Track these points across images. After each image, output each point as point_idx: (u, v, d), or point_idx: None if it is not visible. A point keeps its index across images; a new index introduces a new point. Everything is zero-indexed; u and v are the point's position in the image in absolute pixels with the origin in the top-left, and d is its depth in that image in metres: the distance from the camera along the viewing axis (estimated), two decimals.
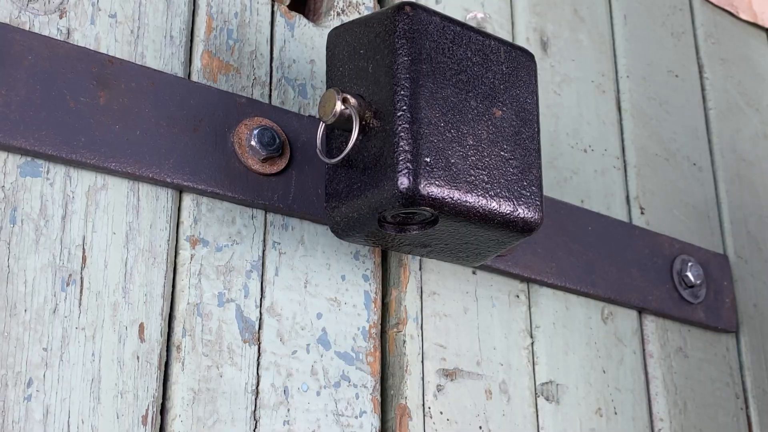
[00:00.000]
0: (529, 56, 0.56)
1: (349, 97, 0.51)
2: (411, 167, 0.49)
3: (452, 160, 0.50)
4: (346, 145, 0.52)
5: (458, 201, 0.50)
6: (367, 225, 0.51)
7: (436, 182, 0.49)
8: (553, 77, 0.78)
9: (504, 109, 0.54)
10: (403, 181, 0.48)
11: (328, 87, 0.54)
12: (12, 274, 0.48)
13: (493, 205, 0.51)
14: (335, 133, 0.53)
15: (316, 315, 0.57)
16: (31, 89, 0.50)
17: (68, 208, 0.51)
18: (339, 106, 0.50)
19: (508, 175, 0.53)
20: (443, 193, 0.49)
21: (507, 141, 0.54)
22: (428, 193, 0.49)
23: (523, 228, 0.53)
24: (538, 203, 0.53)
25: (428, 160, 0.49)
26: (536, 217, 0.53)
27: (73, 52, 0.52)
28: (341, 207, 0.52)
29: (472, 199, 0.50)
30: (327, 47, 0.55)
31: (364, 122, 0.51)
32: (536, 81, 0.56)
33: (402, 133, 0.49)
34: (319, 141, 0.53)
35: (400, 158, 0.49)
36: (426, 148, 0.49)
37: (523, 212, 0.53)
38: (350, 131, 0.51)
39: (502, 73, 0.55)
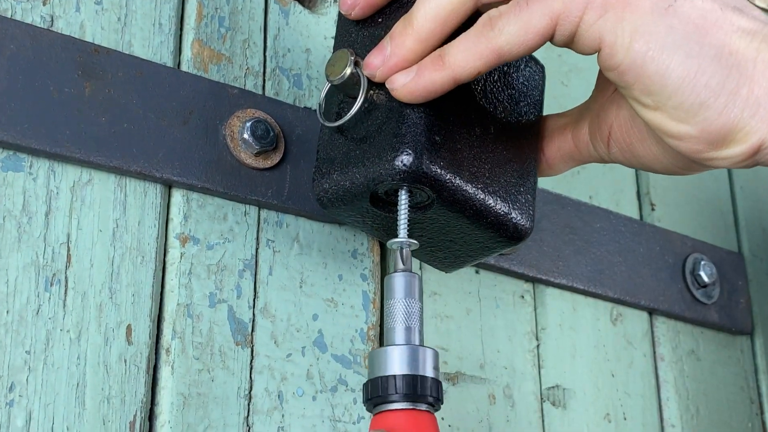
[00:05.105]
0: (541, 68, 0.57)
1: (361, 61, 0.50)
2: (419, 141, 0.47)
3: (458, 146, 0.49)
4: (348, 111, 0.50)
5: (458, 187, 0.49)
6: (357, 197, 0.50)
7: (441, 162, 0.48)
8: (561, 67, 0.77)
9: (512, 111, 0.54)
10: (408, 155, 0.47)
11: (335, 50, 0.53)
12: None
13: (490, 201, 0.50)
14: (335, 99, 0.52)
15: (311, 316, 0.57)
16: (12, 80, 0.49)
17: (52, 204, 0.50)
18: (350, 69, 0.49)
19: (507, 176, 0.52)
20: (445, 175, 0.48)
21: (511, 143, 0.53)
22: (431, 171, 0.47)
23: (513, 234, 0.52)
24: (531, 212, 0.53)
25: (437, 138, 0.48)
26: (527, 225, 0.52)
27: (56, 41, 0.51)
28: (333, 174, 0.50)
29: (471, 189, 0.49)
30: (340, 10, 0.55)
31: (371, 92, 0.50)
32: (543, 94, 0.56)
33: (413, 106, 0.48)
34: (321, 102, 0.52)
35: (409, 131, 0.47)
36: (437, 126, 0.48)
37: (516, 217, 0.51)
38: (355, 97, 0.50)
39: (515, 78, 0.54)
